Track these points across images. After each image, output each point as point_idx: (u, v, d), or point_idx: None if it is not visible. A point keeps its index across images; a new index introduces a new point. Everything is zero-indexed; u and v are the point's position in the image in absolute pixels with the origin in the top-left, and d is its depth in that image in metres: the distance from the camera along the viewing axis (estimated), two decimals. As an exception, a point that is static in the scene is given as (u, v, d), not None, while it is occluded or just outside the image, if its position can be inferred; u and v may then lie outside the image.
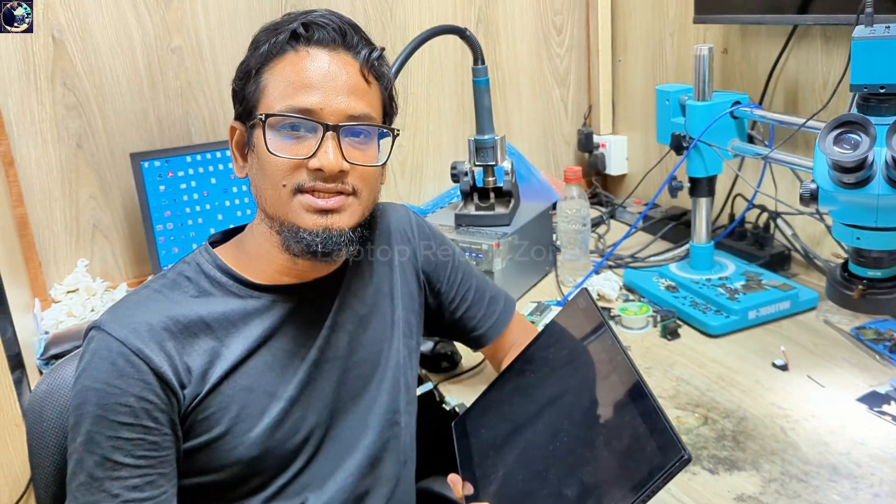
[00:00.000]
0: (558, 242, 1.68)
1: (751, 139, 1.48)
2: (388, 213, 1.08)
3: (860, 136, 0.92)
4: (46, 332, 1.46)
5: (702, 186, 1.47)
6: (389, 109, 0.96)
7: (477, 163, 1.59)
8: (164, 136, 1.71)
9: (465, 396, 1.22)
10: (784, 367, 1.22)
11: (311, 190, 0.87)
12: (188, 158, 1.66)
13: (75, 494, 0.82)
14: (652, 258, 1.71)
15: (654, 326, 1.40)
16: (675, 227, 1.80)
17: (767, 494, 0.94)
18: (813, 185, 1.03)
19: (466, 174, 1.59)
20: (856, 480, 0.95)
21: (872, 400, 1.11)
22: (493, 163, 1.58)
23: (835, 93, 1.30)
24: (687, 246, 1.60)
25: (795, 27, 1.53)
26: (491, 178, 1.60)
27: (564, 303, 1.51)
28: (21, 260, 1.58)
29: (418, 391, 1.10)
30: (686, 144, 1.44)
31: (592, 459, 0.78)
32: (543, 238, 1.66)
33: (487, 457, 0.94)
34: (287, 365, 0.92)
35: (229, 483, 0.89)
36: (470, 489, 0.91)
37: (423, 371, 1.31)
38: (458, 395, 1.24)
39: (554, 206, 1.70)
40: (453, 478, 0.94)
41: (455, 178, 1.60)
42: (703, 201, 1.48)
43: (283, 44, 0.88)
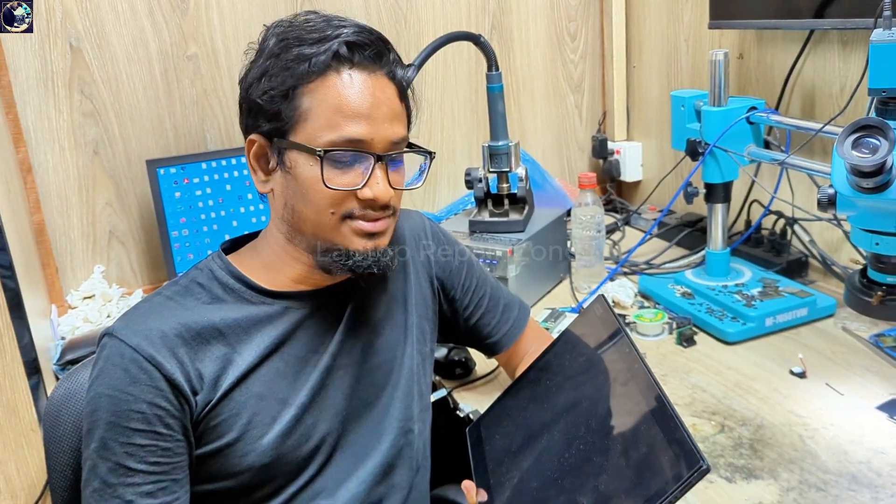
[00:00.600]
0: (573, 249, 1.67)
1: (767, 145, 1.47)
2: (402, 220, 1.08)
3: (879, 140, 0.90)
4: (63, 338, 1.47)
5: (718, 192, 1.46)
6: (410, 123, 0.96)
7: (491, 169, 1.59)
8: (180, 143, 1.73)
9: (479, 403, 1.22)
10: (802, 375, 1.21)
11: (361, 217, 0.88)
12: (203, 165, 1.67)
13: (89, 501, 0.82)
14: (667, 265, 1.70)
15: (670, 333, 1.39)
16: (691, 233, 1.78)
17: (786, 503, 0.93)
18: (831, 191, 1.02)
19: (480, 180, 1.59)
20: (876, 490, 0.94)
21: (893, 408, 1.10)
22: (508, 169, 1.58)
23: (852, 97, 1.29)
24: (703, 252, 1.59)
25: (812, 32, 1.51)
26: (505, 185, 1.60)
27: (579, 309, 1.50)
28: (38, 266, 1.59)
29: (432, 398, 1.10)
30: (702, 150, 1.43)
31: (608, 468, 0.77)
32: (558, 244, 1.65)
33: (502, 464, 0.93)
34: (299, 372, 0.92)
35: (241, 490, 0.88)
36: (484, 496, 0.90)
37: (437, 378, 1.30)
38: (472, 402, 1.23)
39: (568, 212, 1.69)
40: (467, 484, 0.94)
41: (469, 184, 1.60)
42: (718, 207, 1.47)
43: (324, 64, 0.85)
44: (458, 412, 1.23)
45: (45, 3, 1.55)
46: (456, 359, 1.31)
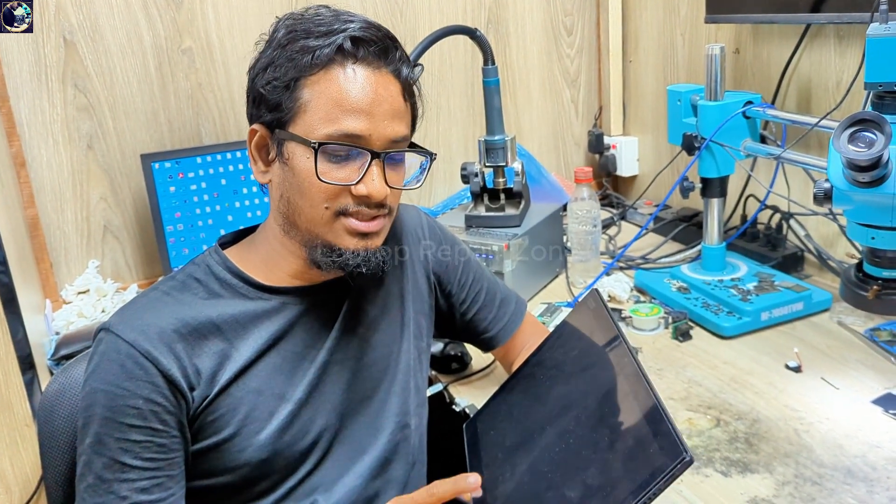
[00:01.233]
0: (569, 244, 1.67)
1: (763, 139, 1.47)
2: (399, 215, 1.08)
3: (875, 134, 0.90)
4: (57, 333, 1.47)
5: (714, 187, 1.46)
6: (415, 123, 0.95)
7: (487, 164, 1.59)
8: (175, 137, 1.72)
9: (475, 398, 1.22)
10: (797, 369, 1.21)
11: (354, 215, 0.87)
12: (198, 159, 1.66)
13: (84, 496, 0.82)
14: (663, 259, 1.70)
15: (666, 328, 1.39)
16: (687, 228, 1.78)
17: (781, 497, 0.93)
18: (827, 185, 1.02)
19: (477, 175, 1.59)
20: (871, 483, 0.94)
21: (888, 402, 1.10)
22: (504, 164, 1.58)
23: (848, 92, 1.29)
24: (699, 247, 1.59)
25: (808, 26, 1.51)
26: (501, 179, 1.60)
27: (575, 304, 1.50)
28: (32, 261, 1.58)
29: (428, 392, 1.10)
30: (698, 145, 1.43)
31: (597, 461, 0.78)
32: (554, 239, 1.65)
33: (496, 458, 0.93)
34: (296, 367, 0.92)
35: (238, 485, 0.88)
36: (479, 491, 0.90)
37: (434, 372, 1.30)
38: (468, 397, 1.23)
39: (564, 207, 1.69)
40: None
41: (465, 179, 1.60)
42: (714, 202, 1.47)
43: (327, 58, 0.84)
44: (454, 407, 1.23)
45: (39, -3, 1.54)
46: (452, 353, 1.30)
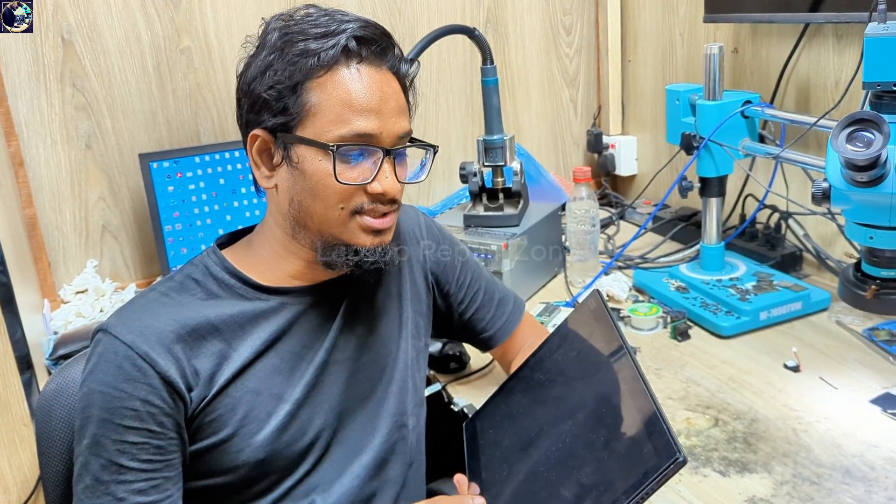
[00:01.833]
0: (567, 243, 1.67)
1: (762, 139, 1.47)
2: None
3: (873, 133, 0.91)
4: (55, 333, 1.47)
5: (712, 186, 1.46)
6: (411, 116, 0.96)
7: (486, 163, 1.58)
8: (173, 136, 1.72)
9: (473, 397, 1.22)
10: (796, 369, 1.21)
11: (369, 213, 0.88)
12: (197, 159, 1.66)
13: (81, 497, 0.82)
14: (662, 259, 1.70)
15: (665, 327, 1.39)
16: (686, 227, 1.78)
17: (779, 497, 0.93)
18: (825, 184, 1.02)
19: (475, 175, 1.59)
20: (869, 483, 0.94)
21: (886, 402, 1.10)
22: (502, 163, 1.58)
23: (847, 91, 1.29)
24: (697, 247, 1.58)
25: (807, 25, 1.51)
26: (500, 179, 1.60)
27: (574, 304, 1.50)
28: (30, 261, 1.58)
29: (426, 392, 1.10)
30: (696, 144, 1.43)
31: (592, 461, 0.78)
32: (553, 239, 1.65)
33: (494, 458, 0.93)
34: (294, 367, 0.91)
35: (236, 485, 0.88)
36: (476, 489, 0.91)
37: (432, 372, 1.30)
38: (467, 396, 1.23)
39: (563, 206, 1.69)
40: (459, 478, 0.94)
41: (464, 178, 1.60)
42: (713, 201, 1.47)
43: (333, 59, 0.84)
44: (452, 406, 1.23)
45: (37, -4, 1.54)
46: (450, 353, 1.30)
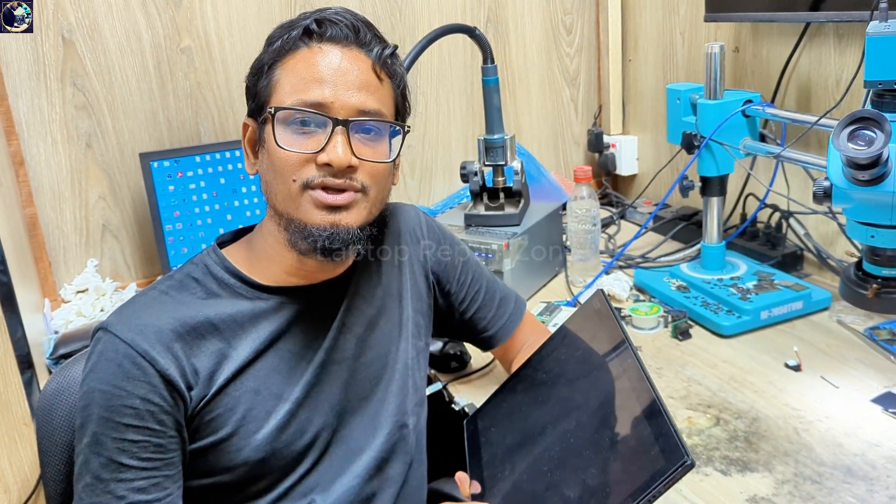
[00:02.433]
0: (568, 243, 1.67)
1: (763, 138, 1.47)
2: (398, 214, 1.08)
3: (875, 132, 0.90)
4: (56, 332, 1.47)
5: (713, 186, 1.46)
6: (402, 108, 0.95)
7: (487, 163, 1.58)
8: (174, 136, 1.72)
9: (474, 397, 1.22)
10: (797, 368, 1.21)
11: (321, 186, 0.86)
12: (197, 158, 1.66)
13: (81, 495, 0.82)
14: (663, 258, 1.70)
15: (665, 327, 1.39)
16: (686, 227, 1.78)
17: (781, 496, 0.93)
18: (826, 183, 1.01)
19: (476, 174, 1.59)
20: (871, 482, 0.94)
21: (887, 401, 1.10)
22: (503, 163, 1.57)
23: (848, 90, 1.29)
24: (698, 246, 1.58)
25: (808, 25, 1.51)
26: (501, 178, 1.60)
27: (575, 303, 1.50)
28: (31, 260, 1.58)
29: (427, 391, 1.10)
30: (697, 143, 1.43)
31: (597, 462, 0.77)
32: (553, 238, 1.65)
33: (496, 456, 0.93)
34: (294, 367, 0.91)
35: (236, 485, 0.88)
36: (477, 488, 0.90)
37: (433, 371, 1.30)
38: (468, 396, 1.23)
39: (564, 206, 1.69)
40: (461, 476, 0.93)
41: (465, 178, 1.60)
42: (714, 201, 1.47)
43: (295, 40, 0.87)
44: (453, 406, 1.23)
45: (37, -5, 1.54)
46: (451, 352, 1.30)
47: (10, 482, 1.15)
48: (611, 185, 2.21)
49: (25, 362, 1.19)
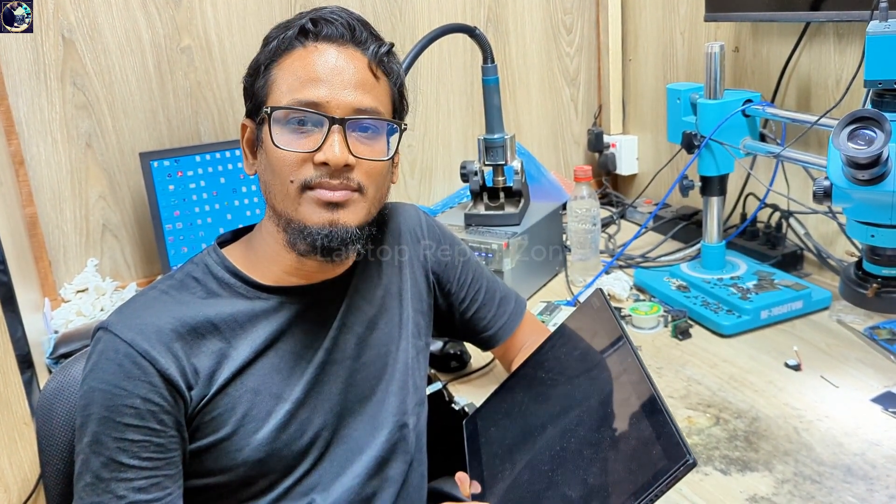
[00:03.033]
0: (568, 242, 1.67)
1: (763, 137, 1.47)
2: (398, 213, 1.08)
3: (875, 131, 0.90)
4: (56, 332, 1.47)
5: (713, 185, 1.46)
6: (399, 106, 0.95)
7: (487, 162, 1.58)
8: (174, 135, 1.72)
9: (474, 396, 1.22)
10: (797, 368, 1.21)
11: (318, 186, 0.86)
12: (197, 158, 1.66)
13: (81, 495, 0.82)
14: (663, 258, 1.70)
15: (665, 326, 1.39)
16: (686, 226, 1.78)
17: (780, 495, 0.93)
18: (826, 183, 1.01)
19: (476, 174, 1.59)
20: (871, 482, 0.94)
21: (887, 400, 1.10)
22: (503, 162, 1.57)
23: (848, 90, 1.29)
24: (698, 245, 1.59)
25: (808, 24, 1.51)
26: (501, 178, 1.59)
27: (575, 303, 1.50)
28: (31, 260, 1.58)
29: (427, 391, 1.10)
30: (697, 143, 1.43)
31: (599, 461, 0.77)
32: (553, 238, 1.65)
33: (496, 456, 0.93)
34: (294, 367, 0.91)
35: (235, 484, 0.88)
36: (477, 487, 0.90)
37: (433, 371, 1.30)
38: (468, 395, 1.23)
39: (564, 205, 1.69)
40: (461, 476, 0.93)
41: (465, 177, 1.60)
42: (714, 200, 1.47)
43: (291, 39, 0.88)
44: (453, 405, 1.23)
45: (37, -5, 1.54)
46: (451, 352, 1.30)
47: (9, 482, 1.15)
48: (611, 185, 2.21)
49: (25, 362, 1.19)
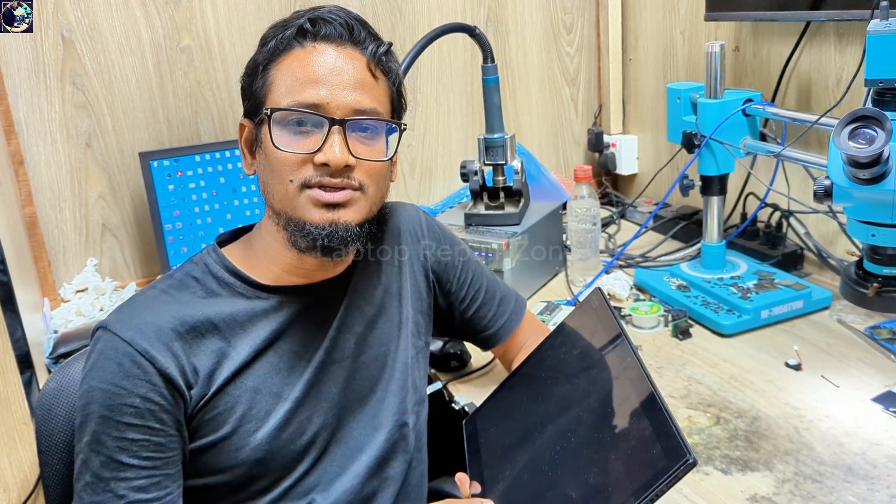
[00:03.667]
0: (568, 242, 1.67)
1: (763, 137, 1.47)
2: (398, 213, 1.08)
3: (875, 130, 0.90)
4: (55, 332, 1.46)
5: (713, 185, 1.46)
6: (398, 105, 0.95)
7: (487, 162, 1.58)
8: (174, 135, 1.71)
9: (474, 396, 1.21)
10: (797, 367, 1.21)
11: (318, 185, 0.86)
12: (197, 158, 1.66)
13: (81, 494, 0.82)
14: (663, 258, 1.69)
15: (666, 326, 1.38)
16: (687, 226, 1.78)
17: (781, 495, 0.93)
18: (827, 182, 1.01)
19: (476, 173, 1.59)
20: (872, 481, 0.94)
21: (888, 400, 1.10)
22: (503, 162, 1.57)
23: (848, 89, 1.29)
24: (698, 245, 1.58)
25: (808, 24, 1.51)
26: (501, 178, 1.59)
27: (575, 302, 1.50)
28: (30, 259, 1.58)
29: (427, 391, 1.09)
30: (697, 143, 1.43)
31: (599, 461, 0.77)
32: (553, 238, 1.65)
33: (496, 456, 0.93)
34: (293, 366, 0.91)
35: (235, 484, 0.88)
36: (477, 487, 0.90)
37: (433, 370, 1.30)
38: (468, 395, 1.23)
39: (564, 205, 1.69)
40: (461, 476, 0.93)
41: (465, 177, 1.59)
42: (714, 200, 1.47)
43: (289, 39, 0.87)
44: (453, 405, 1.23)
45: (37, -6, 1.53)
46: (451, 351, 1.30)
47: (9, 481, 1.15)
48: (611, 185, 2.21)
49: (25, 362, 1.19)
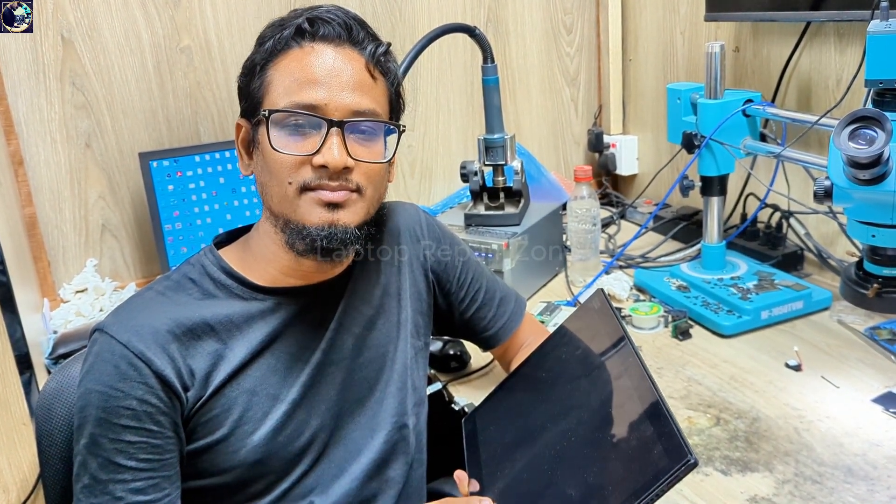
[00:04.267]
0: (568, 242, 1.67)
1: (763, 137, 1.47)
2: (397, 213, 1.07)
3: (876, 131, 0.90)
4: (55, 332, 1.46)
5: (713, 185, 1.46)
6: (396, 106, 0.95)
7: (487, 162, 1.58)
8: (173, 135, 1.71)
9: (474, 396, 1.21)
10: (797, 368, 1.20)
11: (318, 187, 0.85)
12: (197, 158, 1.66)
13: (79, 496, 0.82)
14: (663, 258, 1.69)
15: (666, 327, 1.38)
16: (687, 226, 1.78)
17: (781, 496, 0.92)
18: (827, 182, 1.01)
19: (476, 174, 1.58)
20: (872, 482, 0.93)
21: (888, 401, 1.10)
22: (503, 162, 1.57)
23: (848, 90, 1.29)
24: (698, 246, 1.58)
25: (808, 24, 1.51)
26: (501, 178, 1.59)
27: (575, 303, 1.50)
28: (30, 260, 1.58)
29: (427, 391, 1.09)
30: (697, 143, 1.43)
31: (599, 461, 0.77)
32: (553, 238, 1.65)
33: (495, 455, 0.93)
34: (291, 368, 0.91)
35: (233, 486, 0.88)
36: (476, 486, 0.90)
37: (432, 371, 1.30)
38: (467, 395, 1.23)
39: (564, 206, 1.69)
40: (459, 475, 0.93)
41: (465, 177, 1.59)
42: (714, 200, 1.47)
43: (287, 39, 0.87)
44: (453, 405, 1.23)
45: (37, -5, 1.53)
46: (451, 352, 1.30)
47: (9, 482, 1.15)
48: (611, 185, 2.21)
49: (24, 362, 1.19)
